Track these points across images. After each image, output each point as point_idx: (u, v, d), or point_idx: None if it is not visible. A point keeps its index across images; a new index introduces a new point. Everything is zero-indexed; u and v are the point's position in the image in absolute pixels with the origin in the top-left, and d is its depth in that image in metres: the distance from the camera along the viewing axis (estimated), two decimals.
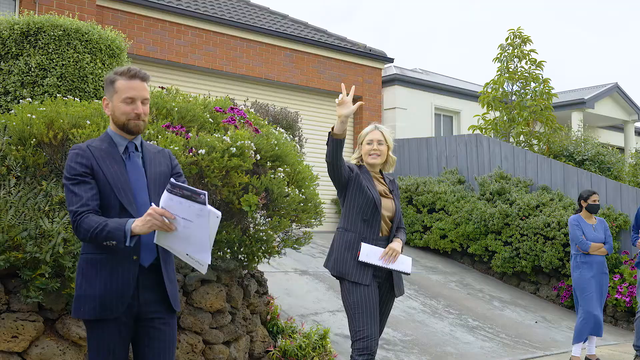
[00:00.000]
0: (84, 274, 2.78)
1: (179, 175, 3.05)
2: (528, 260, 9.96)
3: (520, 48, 13.21)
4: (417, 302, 8.44)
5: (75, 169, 2.74)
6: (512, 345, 7.37)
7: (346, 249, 3.91)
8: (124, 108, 2.82)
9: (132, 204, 2.79)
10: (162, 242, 2.69)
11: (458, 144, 12.14)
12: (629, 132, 19.43)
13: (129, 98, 2.82)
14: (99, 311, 2.74)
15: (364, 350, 3.75)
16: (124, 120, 2.83)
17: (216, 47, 11.38)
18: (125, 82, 2.83)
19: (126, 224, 2.60)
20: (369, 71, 13.68)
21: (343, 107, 3.63)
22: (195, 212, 2.55)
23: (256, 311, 5.57)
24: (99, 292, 2.74)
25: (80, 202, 2.69)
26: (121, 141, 2.88)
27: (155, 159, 2.96)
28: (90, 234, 2.63)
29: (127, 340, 2.84)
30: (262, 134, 4.78)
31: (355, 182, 3.93)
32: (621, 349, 7.54)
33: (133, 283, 2.77)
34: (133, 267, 2.77)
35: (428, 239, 11.43)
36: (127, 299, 2.76)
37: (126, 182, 2.81)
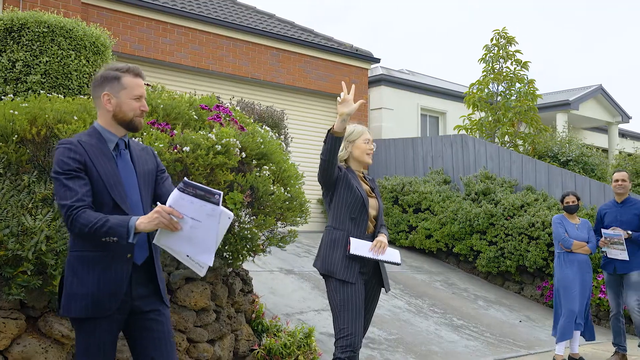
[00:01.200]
0: (74, 272, 2.74)
1: (163, 172, 3.06)
2: (512, 260, 10.02)
3: (505, 48, 13.29)
4: (402, 302, 8.46)
5: (69, 164, 2.69)
6: (497, 344, 7.41)
7: (333, 246, 3.91)
8: (134, 104, 2.84)
9: (124, 201, 2.77)
10: (162, 241, 2.66)
11: (444, 144, 12.19)
12: (612, 134, 19.60)
13: (139, 96, 2.86)
14: (91, 310, 2.71)
15: (347, 348, 3.75)
16: (131, 116, 2.85)
17: (202, 46, 11.35)
18: (132, 79, 2.86)
19: (129, 221, 2.58)
20: (356, 71, 13.70)
21: (344, 106, 3.64)
22: (206, 212, 2.54)
23: (241, 310, 5.56)
24: (91, 290, 2.71)
25: (75, 197, 2.64)
26: (112, 137, 2.86)
27: (142, 157, 2.96)
28: (89, 229, 2.59)
29: (116, 337, 2.83)
30: (248, 132, 4.77)
31: (344, 181, 3.93)
32: (604, 347, 7.59)
33: (126, 281, 2.76)
34: (127, 265, 2.76)
35: (414, 238, 11.46)
36: (119, 297, 2.74)
37: (118, 179, 2.79)
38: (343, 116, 3.63)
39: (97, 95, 2.88)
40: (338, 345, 3.81)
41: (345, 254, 3.85)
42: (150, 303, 2.87)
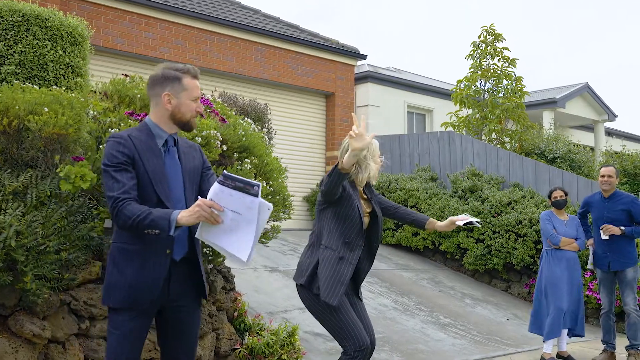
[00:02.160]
0: (115, 262, 2.84)
1: (209, 168, 3.11)
2: (500, 257, 9.93)
3: (493, 45, 13.21)
4: (388, 300, 8.34)
5: (117, 157, 2.76)
6: (484, 343, 7.31)
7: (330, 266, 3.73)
8: (192, 106, 2.91)
9: (169, 198, 2.82)
10: (204, 236, 2.68)
11: (431, 141, 12.09)
12: (599, 132, 19.62)
13: (197, 97, 2.94)
14: (128, 301, 2.80)
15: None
16: (189, 117, 2.92)
17: (185, 41, 11.16)
18: (191, 81, 2.92)
19: (172, 214, 2.63)
20: (342, 67, 13.56)
21: (358, 140, 3.26)
22: (246, 205, 2.55)
23: (222, 308, 5.40)
24: (129, 281, 2.80)
25: (122, 189, 2.71)
26: (162, 134, 2.92)
27: (189, 154, 3.01)
28: (133, 220, 2.66)
29: (146, 331, 2.90)
30: (229, 124, 4.62)
31: (347, 202, 3.71)
32: (592, 345, 7.51)
33: (164, 276, 2.83)
34: (165, 260, 2.82)
35: (400, 236, 11.34)
36: (156, 292, 2.81)
37: (164, 176, 2.85)
38: (356, 151, 3.28)
39: (157, 94, 2.93)
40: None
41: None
42: (185, 298, 2.95)
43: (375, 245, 3.92)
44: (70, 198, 4.21)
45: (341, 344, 3.78)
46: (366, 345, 3.71)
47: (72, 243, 4.04)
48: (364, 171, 3.79)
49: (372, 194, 3.98)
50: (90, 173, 4.13)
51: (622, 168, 12.53)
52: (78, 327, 4.18)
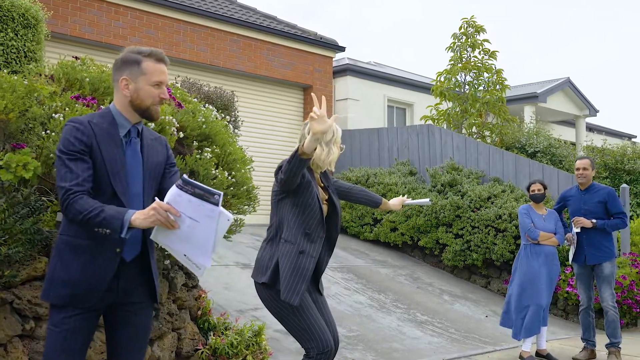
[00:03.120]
0: (60, 256, 2.65)
1: (173, 165, 2.92)
2: (479, 253, 9.71)
3: (473, 37, 12.99)
4: (364, 297, 8.09)
5: (74, 144, 2.57)
6: (461, 340, 7.07)
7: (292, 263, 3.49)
8: (153, 91, 2.70)
9: (125, 192, 2.65)
10: (160, 239, 2.56)
11: (410, 135, 11.84)
12: (580, 127, 19.52)
13: (158, 82, 2.72)
14: (69, 299, 2.61)
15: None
16: (149, 104, 2.71)
17: (157, 30, 10.81)
18: (153, 64, 2.71)
19: (125, 214, 2.47)
20: (320, 60, 13.28)
21: (319, 122, 3.06)
22: (205, 213, 2.43)
23: (185, 306, 5.11)
24: (73, 278, 2.62)
25: (75, 181, 2.53)
26: (125, 123, 2.73)
27: (153, 147, 2.82)
28: (83, 216, 2.49)
29: (92, 329, 2.72)
30: (187, 110, 4.32)
31: (307, 191, 3.47)
32: (572, 342, 7.31)
33: (110, 275, 2.65)
34: (113, 259, 2.65)
35: (378, 231, 11.09)
36: (100, 292, 2.64)
37: (123, 168, 2.66)
38: (317, 135, 3.07)
39: (116, 79, 2.75)
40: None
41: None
42: (135, 295, 2.78)
43: (334, 236, 3.69)
44: (13, 189, 3.90)
45: (303, 345, 3.52)
46: (330, 347, 3.47)
47: (13, 237, 3.73)
48: (327, 156, 3.53)
49: (329, 182, 3.75)
50: (34, 162, 3.82)
51: (604, 162, 12.37)
52: (22, 327, 3.87)
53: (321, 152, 3.52)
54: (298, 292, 3.41)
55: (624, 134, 23.92)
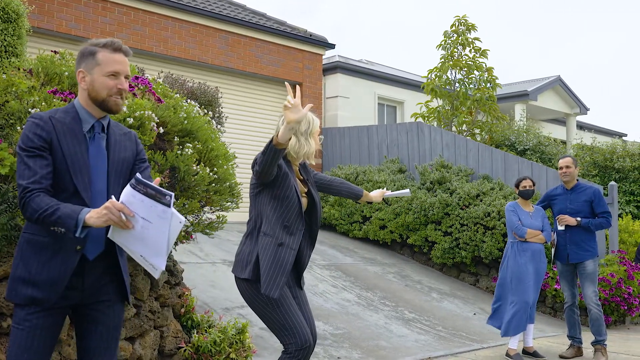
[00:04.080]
0: (22, 255, 2.61)
1: (143, 161, 2.85)
2: (468, 250, 9.69)
3: (464, 35, 12.97)
4: (352, 294, 8.05)
5: (33, 141, 2.51)
6: (448, 338, 7.05)
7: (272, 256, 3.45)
8: (108, 82, 2.63)
9: (87, 189, 2.58)
10: (116, 238, 2.51)
11: (399, 132, 11.81)
12: (570, 125, 19.55)
13: (114, 72, 2.64)
14: (31, 297, 2.56)
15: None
16: (105, 95, 2.63)
17: (145, 27, 10.73)
18: (109, 54, 2.65)
19: (80, 213, 2.41)
20: (310, 57, 13.22)
21: (293, 112, 3.04)
22: (157, 214, 2.39)
23: (167, 304, 5.05)
24: (33, 276, 2.57)
25: (32, 178, 2.48)
26: (88, 118, 2.67)
27: (120, 143, 2.75)
28: (39, 214, 2.44)
29: (57, 328, 2.67)
30: (167, 105, 4.27)
31: (283, 182, 3.43)
32: (559, 340, 7.30)
33: (69, 273, 2.58)
34: (74, 257, 2.58)
35: (367, 229, 11.06)
36: (60, 290, 2.57)
37: (85, 165, 2.60)
38: (291, 124, 3.03)
39: (76, 73, 2.71)
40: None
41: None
42: (103, 293, 2.72)
43: (315, 229, 3.66)
44: None
45: (282, 341, 3.49)
46: (309, 344, 3.44)
47: None
48: (303, 147, 3.50)
49: (309, 175, 3.72)
50: (10, 157, 3.76)
51: (593, 160, 12.38)
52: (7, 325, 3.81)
53: (295, 143, 3.49)
54: (278, 285, 3.38)
55: (615, 132, 23.98)
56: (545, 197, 6.84)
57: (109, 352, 2.80)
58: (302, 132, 3.52)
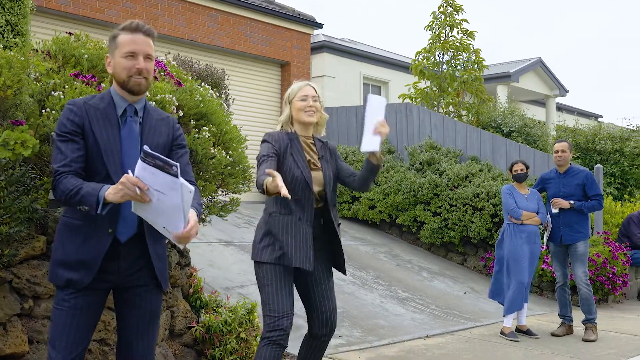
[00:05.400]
0: (60, 238, 2.70)
1: (181, 146, 2.87)
2: (457, 231, 9.87)
3: (452, 17, 13.04)
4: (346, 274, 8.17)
5: (66, 126, 2.59)
6: (443, 317, 7.22)
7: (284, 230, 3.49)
8: (125, 63, 2.65)
9: (118, 172, 2.59)
10: (139, 212, 2.54)
11: (388, 113, 11.88)
12: (550, 106, 19.82)
13: (131, 52, 2.65)
14: (67, 279, 2.64)
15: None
16: (125, 77, 2.66)
17: (135, 4, 10.61)
18: (127, 36, 2.67)
19: (100, 190, 2.45)
20: (298, 36, 13.20)
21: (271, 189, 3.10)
22: (168, 185, 2.40)
23: (177, 284, 5.11)
24: (69, 259, 2.64)
25: (63, 162, 2.55)
26: (121, 102, 2.71)
27: (156, 128, 2.77)
28: (65, 195, 2.51)
29: (97, 308, 2.74)
30: (186, 89, 4.29)
31: (284, 156, 3.47)
32: (548, 318, 7.52)
33: (101, 256, 2.63)
34: (106, 239, 2.64)
35: (356, 209, 11.19)
36: (93, 272, 2.63)
37: (117, 148, 2.65)
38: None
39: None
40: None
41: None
42: (140, 278, 2.76)
43: (326, 206, 3.61)
44: (10, 167, 3.84)
45: None
46: (280, 328, 3.40)
47: (12, 216, 3.69)
48: (282, 115, 3.65)
49: (327, 153, 3.71)
50: (32, 139, 3.75)
51: (575, 143, 12.63)
52: (21, 306, 3.84)
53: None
54: (260, 252, 3.51)
55: (592, 113, 24.37)
56: (539, 180, 7.00)
57: (147, 336, 2.85)
58: (285, 100, 3.63)
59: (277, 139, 3.51)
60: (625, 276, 8.93)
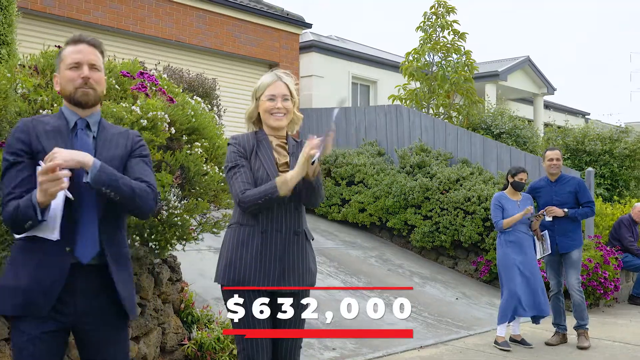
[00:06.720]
0: (13, 263, 2.50)
1: (138, 156, 2.67)
2: (448, 234, 9.83)
3: (444, 18, 12.97)
4: (337, 281, 8.11)
5: (12, 145, 2.48)
6: (436, 325, 7.17)
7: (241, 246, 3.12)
8: (70, 75, 2.54)
9: (71, 190, 2.41)
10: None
11: (377, 114, 11.82)
12: (538, 105, 19.84)
13: (75, 63, 2.55)
14: (21, 307, 2.42)
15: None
16: (71, 89, 2.54)
17: (122, 5, 10.44)
18: (70, 47, 2.59)
19: (32, 195, 2.31)
20: (286, 36, 13.08)
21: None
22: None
23: (168, 300, 5.01)
24: (23, 285, 2.42)
25: (7, 189, 2.42)
26: (71, 116, 2.59)
27: (112, 141, 2.63)
28: (12, 221, 2.38)
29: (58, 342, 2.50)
30: (178, 104, 4.18)
31: (251, 159, 3.11)
32: (543, 326, 7.48)
33: (62, 279, 2.43)
34: (64, 260, 2.43)
35: (346, 212, 11.11)
36: (54, 296, 2.42)
37: None
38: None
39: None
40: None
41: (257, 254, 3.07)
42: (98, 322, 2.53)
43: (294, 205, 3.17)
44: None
45: None
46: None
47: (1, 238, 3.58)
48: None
49: (298, 151, 3.19)
50: None
51: (565, 143, 12.62)
52: (9, 331, 3.73)
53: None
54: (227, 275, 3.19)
55: (579, 111, 24.44)
56: (529, 189, 6.93)
57: None
58: (252, 95, 3.23)
59: (242, 141, 3.16)
60: (617, 280, 8.93)
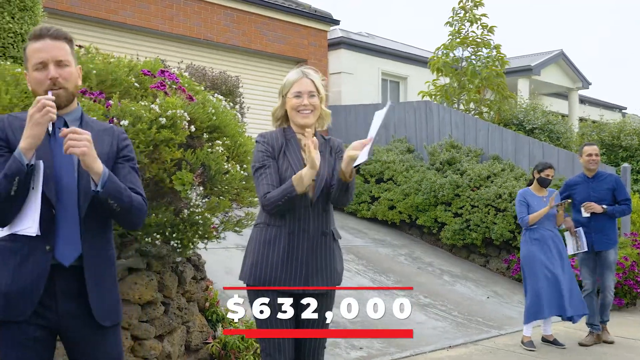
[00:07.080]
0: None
1: (126, 159, 2.54)
2: (479, 232, 9.66)
3: (472, 12, 12.77)
4: (366, 279, 8.02)
5: None
6: (466, 324, 7.04)
7: (267, 246, 3.12)
8: (37, 76, 2.37)
9: (48, 182, 2.33)
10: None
11: (407, 111, 11.69)
12: (573, 99, 19.45)
13: (39, 63, 2.37)
14: (2, 311, 2.33)
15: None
16: (41, 92, 2.35)
17: (149, 4, 10.49)
18: (32, 45, 2.39)
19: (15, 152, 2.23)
20: (314, 33, 13.02)
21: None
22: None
23: (193, 299, 4.99)
24: (3, 287, 2.33)
25: None
26: None
27: (97, 137, 2.41)
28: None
29: (45, 346, 2.40)
30: (198, 102, 4.14)
31: (279, 159, 3.08)
32: (577, 326, 7.29)
33: (42, 280, 2.32)
34: (44, 259, 2.32)
35: (376, 209, 11.00)
36: (35, 299, 2.32)
37: (47, 157, 2.34)
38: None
39: None
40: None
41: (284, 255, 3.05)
42: (81, 328, 2.41)
43: (320, 206, 3.11)
44: None
45: None
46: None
47: None
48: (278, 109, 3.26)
49: (326, 150, 3.19)
50: None
51: (600, 139, 12.32)
52: None
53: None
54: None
55: (616, 105, 23.91)
56: (565, 187, 6.76)
57: None
58: (279, 93, 3.22)
59: (270, 139, 3.13)
60: None
